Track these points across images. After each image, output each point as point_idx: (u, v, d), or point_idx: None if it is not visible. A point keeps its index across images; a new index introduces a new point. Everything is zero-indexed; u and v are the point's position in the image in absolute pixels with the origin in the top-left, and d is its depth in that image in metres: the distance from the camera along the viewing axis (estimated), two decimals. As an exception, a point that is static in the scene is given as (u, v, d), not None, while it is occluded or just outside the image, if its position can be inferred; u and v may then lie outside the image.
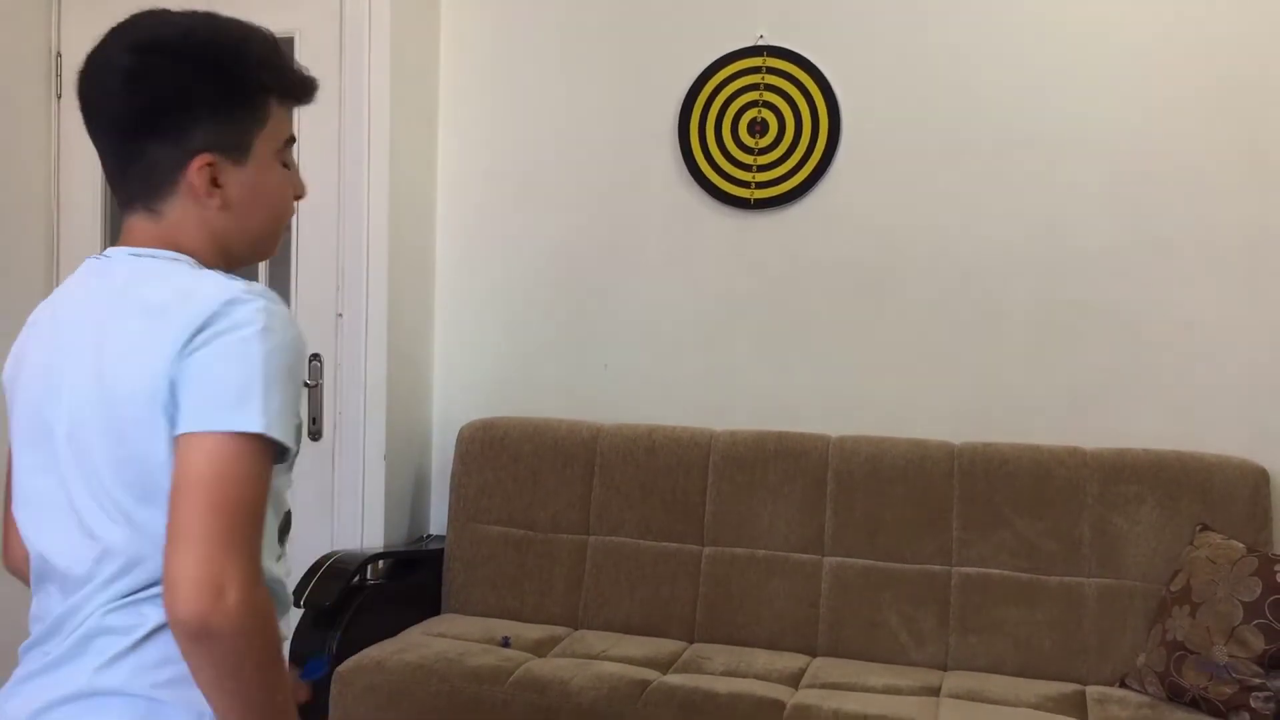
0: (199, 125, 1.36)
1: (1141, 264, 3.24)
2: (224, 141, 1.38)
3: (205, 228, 1.40)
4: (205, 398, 1.25)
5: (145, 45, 1.37)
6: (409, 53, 3.60)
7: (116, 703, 1.32)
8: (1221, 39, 3.17)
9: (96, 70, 1.39)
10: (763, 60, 3.48)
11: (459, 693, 2.90)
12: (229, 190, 1.40)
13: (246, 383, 1.25)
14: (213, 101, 1.37)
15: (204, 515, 1.22)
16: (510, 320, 3.75)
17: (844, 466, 3.28)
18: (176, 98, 1.36)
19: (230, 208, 1.40)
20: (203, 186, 1.38)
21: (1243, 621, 2.71)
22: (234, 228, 1.42)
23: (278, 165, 1.44)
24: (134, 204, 1.41)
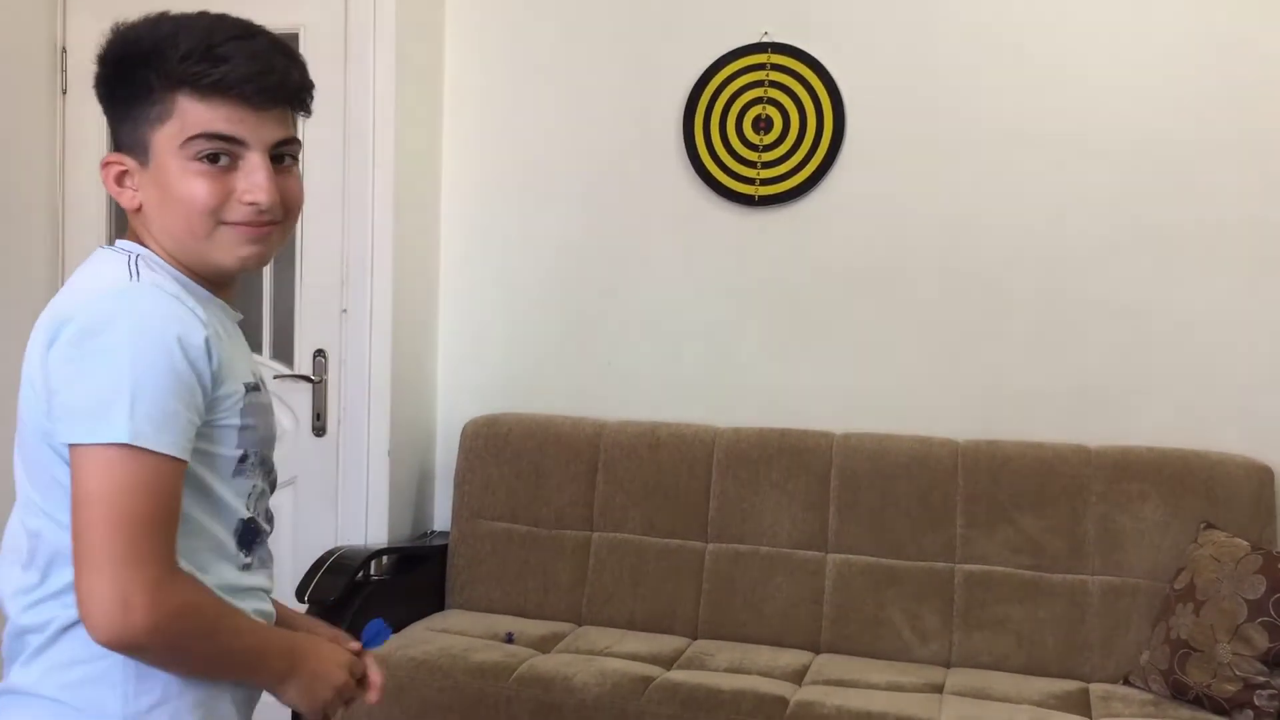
0: (118, 127, 1.37)
1: (1146, 261, 3.24)
2: (126, 142, 1.36)
3: (144, 224, 1.39)
4: (71, 405, 1.22)
5: (102, 54, 1.40)
6: (414, 50, 3.60)
7: (22, 702, 1.31)
8: (1226, 37, 3.16)
9: None
10: (767, 57, 3.48)
11: (462, 688, 2.91)
12: (142, 192, 1.37)
13: (110, 389, 1.20)
14: (120, 98, 1.36)
15: (98, 533, 1.20)
16: (514, 317, 3.75)
17: (848, 463, 3.28)
18: (103, 100, 1.39)
19: (144, 210, 1.37)
20: (109, 185, 1.37)
21: (1247, 619, 2.71)
22: (158, 232, 1.37)
23: (181, 162, 1.33)
24: None
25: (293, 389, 3.58)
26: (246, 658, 1.35)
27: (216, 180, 1.34)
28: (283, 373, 3.58)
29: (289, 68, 1.40)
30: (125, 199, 1.38)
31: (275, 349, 3.63)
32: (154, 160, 1.34)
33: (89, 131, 3.63)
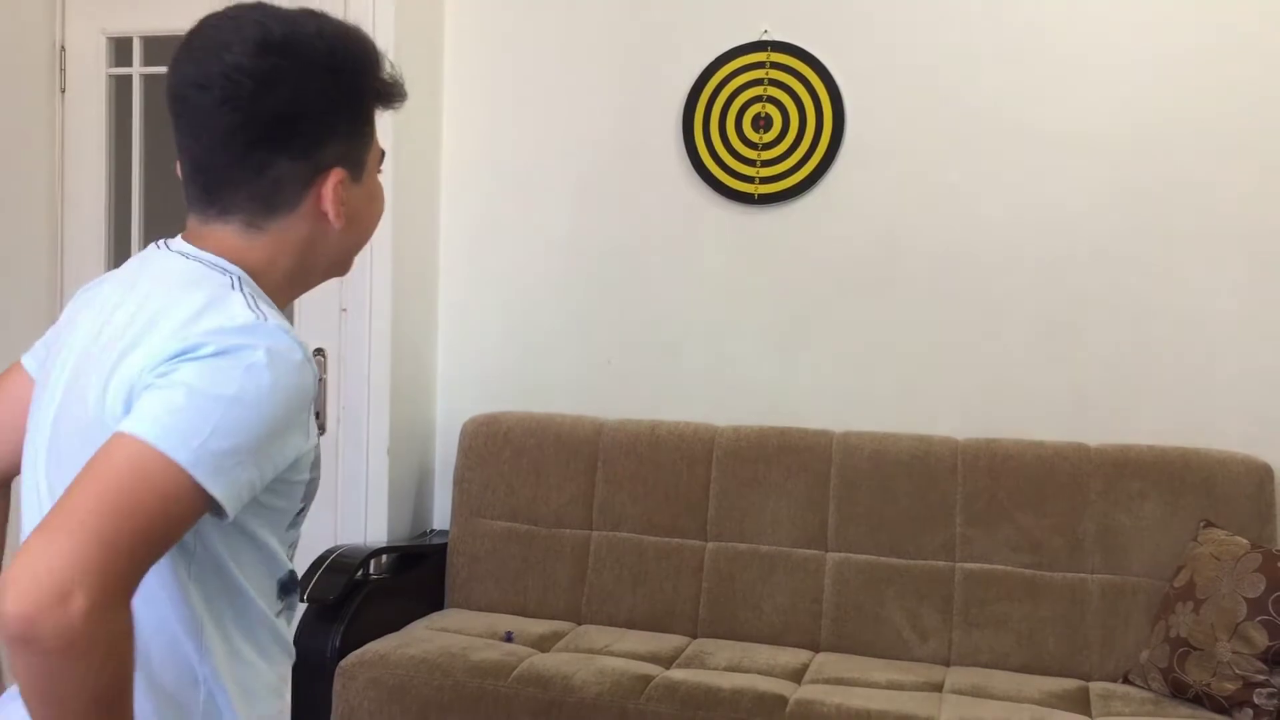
0: (330, 140, 1.25)
1: (1146, 260, 3.24)
2: (351, 155, 1.28)
3: (303, 246, 1.29)
4: (155, 409, 1.10)
5: (278, 45, 1.21)
6: (413, 49, 3.60)
7: None
8: (1228, 36, 3.16)
9: (213, 68, 1.21)
10: (767, 56, 3.48)
11: (462, 687, 2.91)
12: (349, 207, 1.29)
13: (203, 415, 1.10)
14: (343, 114, 1.26)
15: (93, 506, 1.04)
16: (514, 315, 3.75)
17: (847, 462, 3.28)
18: (314, 109, 1.23)
19: (346, 225, 1.30)
20: (335, 206, 1.26)
21: (1246, 618, 2.71)
22: (337, 246, 1.32)
23: (377, 178, 1.35)
24: (230, 216, 1.26)
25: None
26: None
27: None
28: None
29: None
30: (335, 216, 1.28)
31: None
32: (366, 175, 1.32)
33: (88, 131, 3.63)
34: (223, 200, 1.26)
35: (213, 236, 1.27)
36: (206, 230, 1.28)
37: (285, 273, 1.29)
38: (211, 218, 1.27)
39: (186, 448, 1.08)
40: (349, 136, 1.27)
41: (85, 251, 3.68)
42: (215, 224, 1.27)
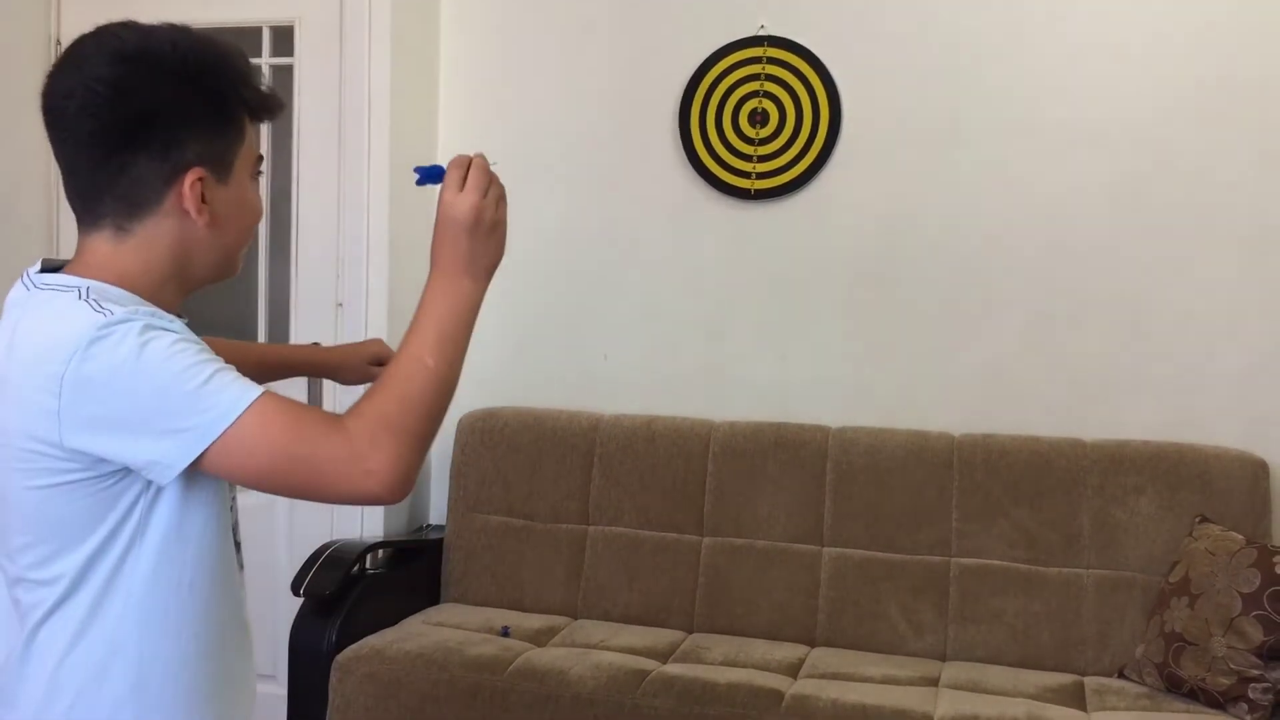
0: (189, 140, 1.32)
1: (1141, 255, 3.24)
2: (211, 158, 1.34)
3: (176, 247, 1.35)
4: (140, 439, 1.24)
5: (132, 55, 1.31)
6: (409, 42, 3.59)
7: None
8: (1224, 30, 3.16)
9: (75, 80, 1.31)
10: (763, 50, 3.48)
11: (458, 682, 2.91)
12: (214, 206, 1.35)
13: (177, 399, 1.24)
14: (201, 116, 1.33)
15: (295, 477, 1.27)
16: (510, 310, 3.72)
17: (843, 457, 3.28)
18: (168, 111, 1.31)
19: (214, 225, 1.36)
20: (194, 202, 1.33)
21: (1241, 613, 2.71)
22: (208, 245, 1.37)
23: (250, 182, 1.42)
24: (100, 223, 1.34)
25: (288, 382, 3.54)
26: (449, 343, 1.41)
27: None
28: (278, 366, 3.57)
29: None
30: (196, 213, 1.34)
31: (271, 342, 3.63)
32: (233, 176, 1.38)
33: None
34: (94, 208, 1.34)
35: (88, 250, 1.35)
36: (84, 245, 1.36)
37: (163, 274, 1.36)
38: (88, 228, 1.35)
39: (232, 394, 1.25)
40: (209, 139, 1.34)
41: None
42: (92, 235, 1.35)
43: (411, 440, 1.28)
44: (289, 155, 3.56)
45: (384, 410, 1.28)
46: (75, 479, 1.26)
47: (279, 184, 3.60)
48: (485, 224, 1.52)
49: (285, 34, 3.54)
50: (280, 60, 3.56)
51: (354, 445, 1.25)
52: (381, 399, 1.30)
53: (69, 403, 1.23)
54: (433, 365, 1.33)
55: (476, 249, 1.50)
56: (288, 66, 3.55)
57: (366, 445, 1.25)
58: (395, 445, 1.26)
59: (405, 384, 1.31)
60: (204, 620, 1.36)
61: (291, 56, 3.53)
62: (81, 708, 1.31)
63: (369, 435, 1.25)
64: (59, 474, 1.26)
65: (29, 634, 1.32)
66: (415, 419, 1.29)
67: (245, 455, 1.24)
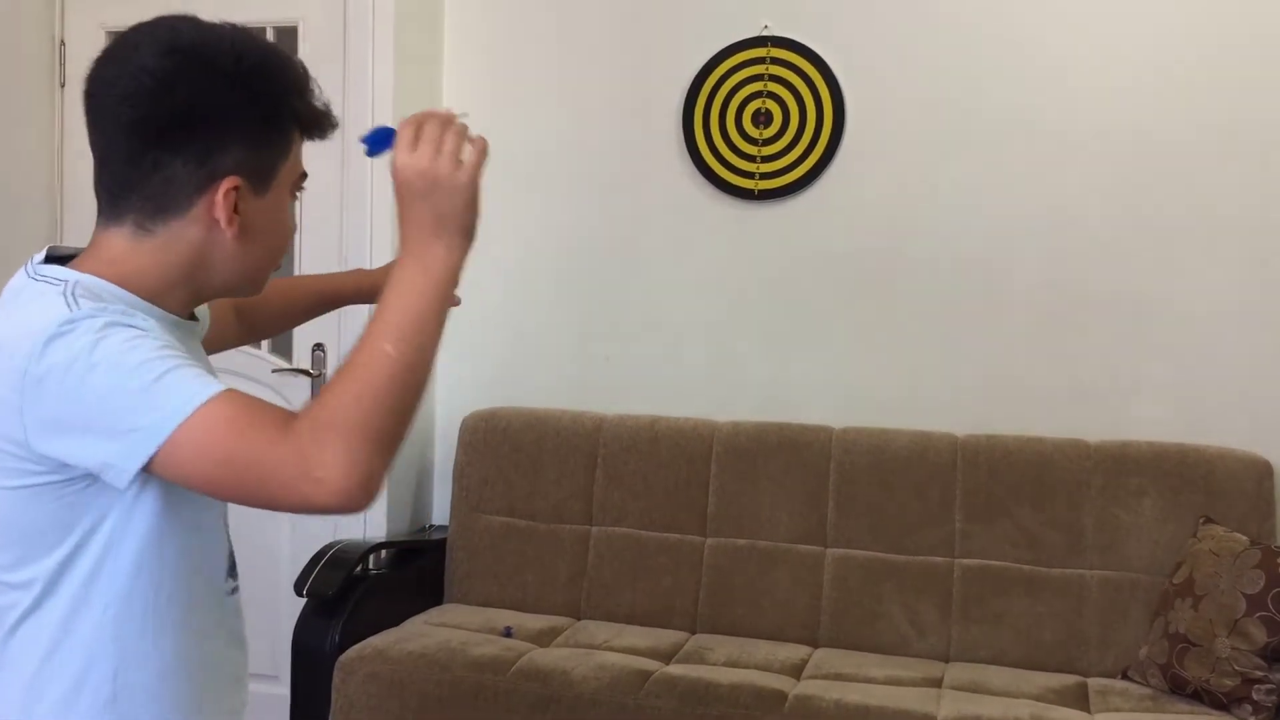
0: (231, 146, 1.25)
1: (1145, 255, 3.24)
2: (252, 167, 1.27)
3: (195, 255, 1.29)
4: (100, 429, 1.15)
5: (184, 49, 1.24)
6: (412, 43, 3.60)
7: None
8: (1225, 29, 3.16)
9: (121, 68, 1.24)
10: (767, 51, 3.48)
11: (461, 682, 2.91)
12: (246, 219, 1.28)
13: (128, 397, 1.15)
14: (249, 122, 1.26)
15: (242, 485, 1.16)
16: (513, 310, 3.75)
17: (846, 458, 3.28)
18: (212, 112, 1.24)
19: (243, 237, 1.29)
20: (226, 212, 1.26)
21: (1245, 614, 2.71)
22: (231, 258, 1.30)
23: (288, 200, 1.35)
24: (123, 219, 1.28)
25: (291, 383, 3.58)
26: (414, 327, 1.30)
27: None
28: (281, 366, 3.58)
29: None
30: (227, 223, 1.27)
31: (274, 343, 3.63)
32: (272, 190, 1.31)
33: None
34: (119, 203, 1.28)
35: (104, 244, 1.30)
36: (101, 238, 1.31)
37: (173, 279, 1.29)
38: (110, 222, 1.30)
39: (190, 388, 1.15)
40: (253, 147, 1.27)
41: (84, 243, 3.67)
42: (111, 230, 1.29)
43: (369, 441, 1.13)
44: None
45: (335, 408, 1.14)
46: (43, 482, 1.20)
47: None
48: (445, 185, 1.32)
49: (289, 35, 3.54)
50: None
51: (300, 449, 1.11)
52: (334, 395, 1.15)
53: (30, 400, 1.16)
54: (394, 353, 1.20)
55: (442, 214, 1.33)
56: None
57: (313, 449, 1.11)
58: (348, 448, 1.11)
59: (362, 376, 1.16)
60: (184, 634, 1.30)
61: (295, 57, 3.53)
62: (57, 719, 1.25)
63: (315, 438, 1.12)
64: (27, 475, 1.20)
65: (3, 638, 1.27)
66: (375, 416, 1.14)
67: (193, 458, 1.14)
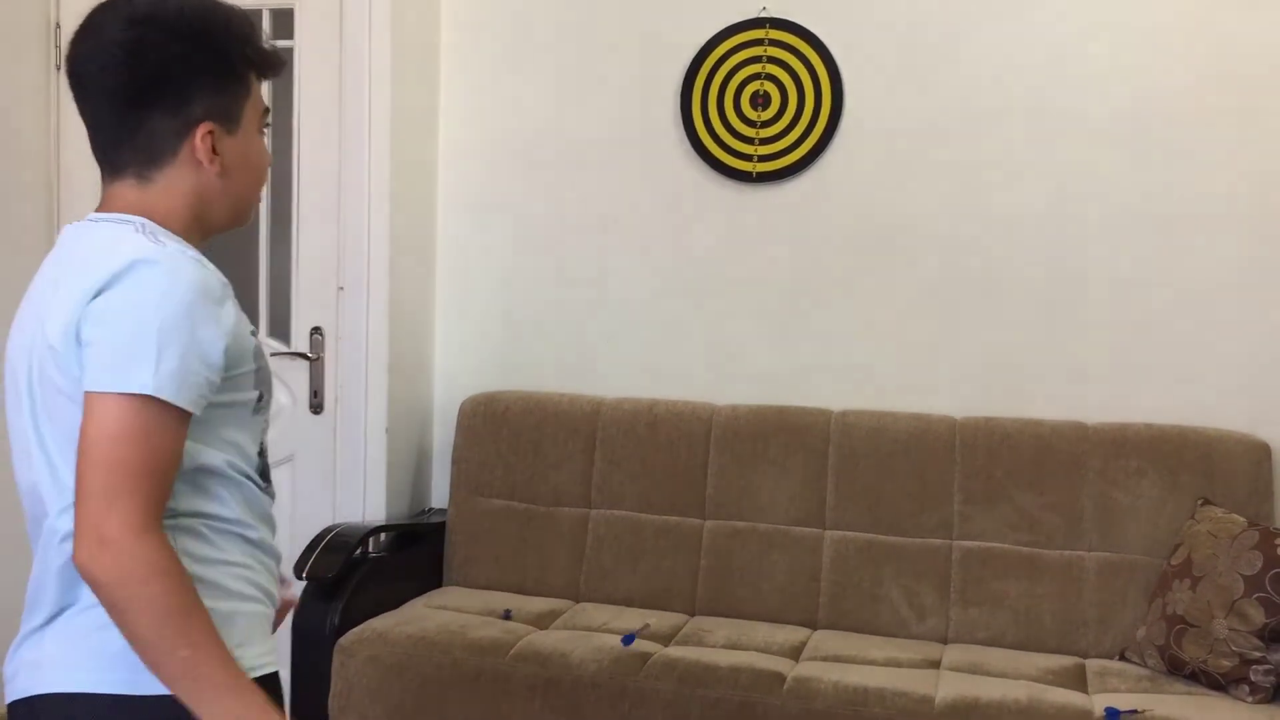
0: (198, 96, 1.45)
1: (1145, 238, 3.24)
2: (220, 111, 1.47)
3: (193, 194, 1.48)
4: (100, 357, 1.33)
5: (143, 20, 1.43)
6: (409, 25, 3.58)
7: None
8: (1225, 11, 3.15)
9: (94, 44, 1.44)
10: (765, 33, 3.46)
11: (460, 665, 2.91)
12: (225, 157, 1.48)
13: (138, 344, 1.32)
14: (210, 74, 1.46)
15: (90, 472, 1.30)
16: (512, 294, 3.74)
17: (845, 440, 3.28)
18: (178, 70, 1.43)
19: (225, 174, 1.49)
20: (206, 153, 1.46)
21: (1243, 595, 2.71)
22: (222, 193, 1.50)
23: (258, 134, 1.55)
24: (123, 172, 1.47)
25: (290, 366, 3.57)
26: (190, 653, 1.32)
27: None
28: (280, 350, 3.57)
29: None
30: (208, 162, 1.47)
31: (272, 326, 3.63)
32: (241, 129, 1.51)
33: (83, 108, 3.61)
34: (115, 159, 1.48)
35: (116, 195, 1.48)
36: (111, 192, 1.49)
37: (185, 219, 1.48)
38: (112, 177, 1.49)
39: (158, 382, 1.31)
40: (216, 94, 1.47)
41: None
42: (116, 184, 1.48)
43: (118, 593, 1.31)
44: (289, 138, 3.55)
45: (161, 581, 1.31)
46: None
47: (279, 168, 3.59)
48: None
49: (285, 17, 3.52)
50: (280, 44, 3.54)
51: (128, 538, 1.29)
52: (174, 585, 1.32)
53: None
54: (167, 650, 1.32)
55: None
56: (288, 50, 3.53)
57: (119, 541, 1.29)
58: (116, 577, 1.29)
59: (172, 615, 1.31)
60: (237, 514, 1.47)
61: (291, 40, 3.52)
62: None
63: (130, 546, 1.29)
64: None
65: None
66: (134, 611, 1.31)
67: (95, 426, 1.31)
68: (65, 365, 1.36)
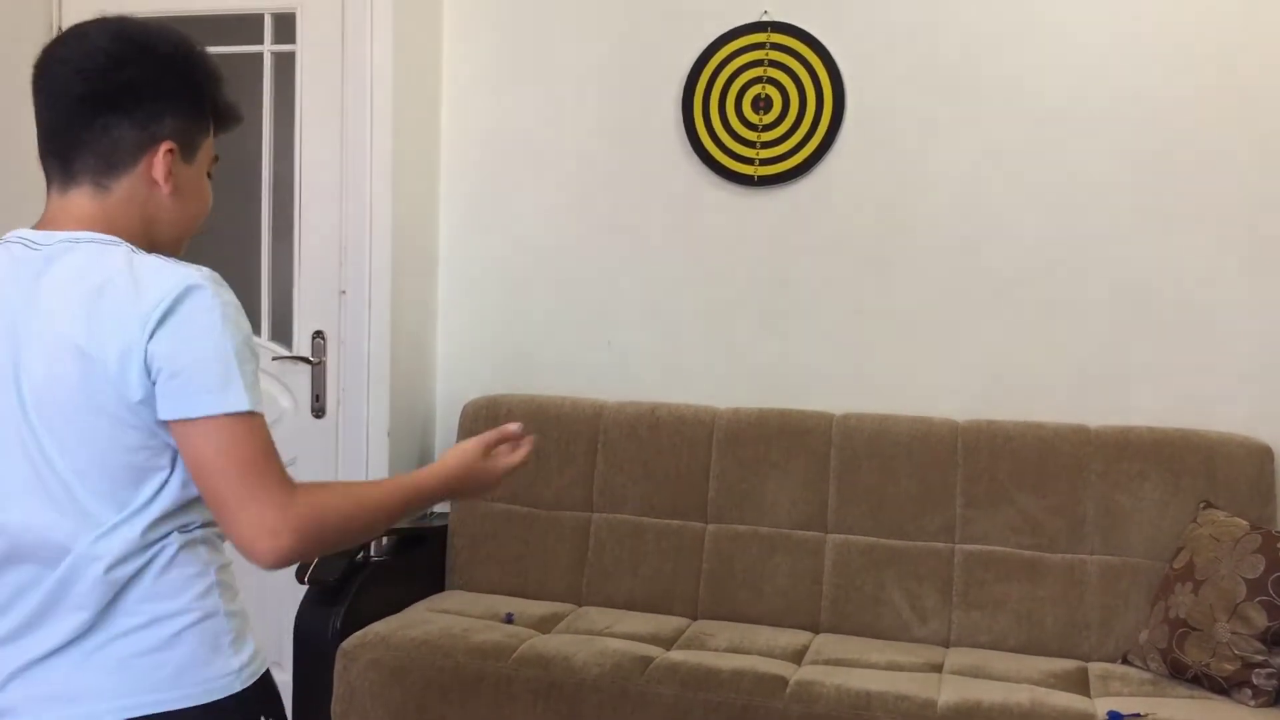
0: (166, 116, 1.49)
1: (1146, 241, 3.24)
2: (182, 137, 1.52)
3: (143, 211, 1.51)
4: (192, 384, 1.39)
5: (130, 37, 1.50)
6: (411, 29, 3.58)
7: None
8: (1228, 12, 3.15)
9: (76, 48, 1.50)
10: (767, 36, 3.47)
11: (463, 668, 2.91)
12: (177, 180, 1.52)
13: (223, 367, 1.40)
14: (182, 101, 1.51)
15: (226, 486, 1.40)
16: (513, 297, 3.74)
17: (847, 443, 3.28)
18: (153, 86, 1.49)
19: (176, 195, 1.53)
20: (163, 170, 1.50)
21: (1245, 599, 2.71)
22: (169, 216, 1.54)
23: (204, 170, 1.59)
24: (78, 179, 1.49)
25: (291, 370, 3.58)
26: (389, 513, 1.56)
27: None
28: (281, 354, 3.57)
29: None
30: (164, 179, 1.51)
31: (274, 330, 3.63)
32: (195, 161, 1.56)
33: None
34: (72, 163, 1.49)
35: (73, 205, 1.50)
36: (65, 201, 1.50)
37: (137, 236, 1.50)
38: (66, 183, 1.50)
39: (252, 397, 1.42)
40: (184, 119, 1.52)
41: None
42: (70, 191, 1.50)
43: (319, 548, 1.48)
44: (291, 142, 3.55)
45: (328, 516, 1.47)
46: None
47: (281, 170, 3.59)
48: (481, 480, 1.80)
49: (287, 21, 3.53)
50: (282, 47, 3.55)
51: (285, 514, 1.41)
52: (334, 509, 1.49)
53: None
54: (383, 521, 1.56)
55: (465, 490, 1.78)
56: (289, 54, 3.54)
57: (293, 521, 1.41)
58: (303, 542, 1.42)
59: (359, 516, 1.52)
60: None
61: (293, 44, 3.52)
62: None
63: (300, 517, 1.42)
64: None
65: None
66: (339, 541, 1.51)
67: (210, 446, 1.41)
68: (122, 389, 1.39)
